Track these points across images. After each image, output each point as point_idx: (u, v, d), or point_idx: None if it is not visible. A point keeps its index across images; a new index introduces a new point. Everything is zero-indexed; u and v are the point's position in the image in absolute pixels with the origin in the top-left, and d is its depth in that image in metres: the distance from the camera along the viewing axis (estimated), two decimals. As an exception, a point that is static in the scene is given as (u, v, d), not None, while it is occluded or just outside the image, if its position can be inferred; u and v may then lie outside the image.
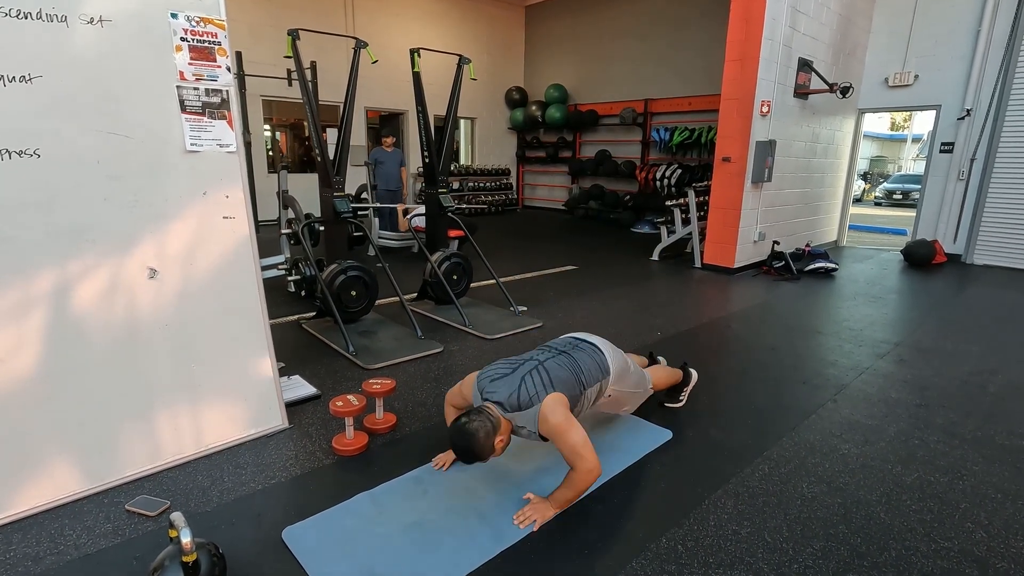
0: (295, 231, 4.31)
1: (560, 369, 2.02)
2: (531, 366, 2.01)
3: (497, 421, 1.86)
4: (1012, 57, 6.25)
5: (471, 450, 1.80)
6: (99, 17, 1.87)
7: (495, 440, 1.83)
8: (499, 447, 1.87)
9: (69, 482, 1.98)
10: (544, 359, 2.06)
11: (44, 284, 1.88)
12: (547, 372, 1.97)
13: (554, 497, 1.92)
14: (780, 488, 2.12)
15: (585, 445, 1.86)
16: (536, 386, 1.91)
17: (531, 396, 1.89)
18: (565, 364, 2.06)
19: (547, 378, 1.95)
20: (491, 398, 1.93)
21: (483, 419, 1.83)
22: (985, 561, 1.75)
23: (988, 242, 6.73)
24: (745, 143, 5.75)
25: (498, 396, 1.92)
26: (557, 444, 1.87)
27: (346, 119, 3.91)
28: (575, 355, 2.13)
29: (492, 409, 1.89)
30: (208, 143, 2.16)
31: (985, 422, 2.70)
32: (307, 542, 1.77)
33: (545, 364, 2.02)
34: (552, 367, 2.01)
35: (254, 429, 2.43)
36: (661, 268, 6.38)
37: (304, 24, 7.70)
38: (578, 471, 1.86)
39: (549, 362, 2.04)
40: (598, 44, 10.53)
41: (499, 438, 1.85)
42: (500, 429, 1.86)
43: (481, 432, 1.80)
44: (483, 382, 2.00)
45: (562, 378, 1.98)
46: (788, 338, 3.95)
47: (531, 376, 1.95)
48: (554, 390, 1.92)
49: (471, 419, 1.82)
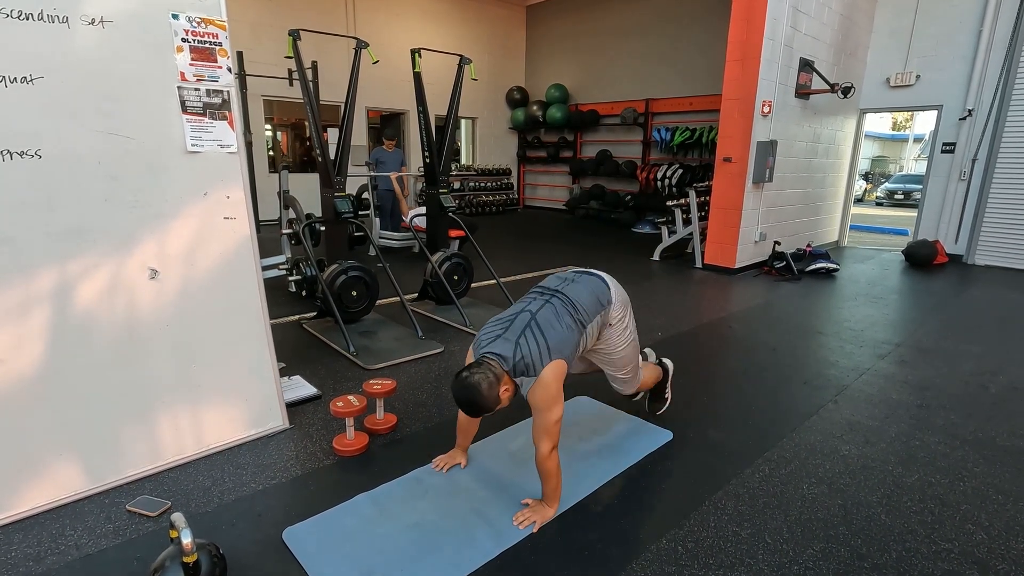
0: (296, 231, 4.32)
1: (556, 322, 1.91)
2: (524, 321, 1.90)
3: (499, 372, 1.78)
4: (1013, 57, 6.24)
5: (475, 403, 1.74)
6: (100, 18, 1.87)
7: (499, 390, 1.76)
8: (505, 397, 1.80)
9: (70, 482, 1.99)
10: (537, 309, 1.95)
11: (44, 284, 1.88)
12: (542, 333, 1.86)
13: (544, 496, 1.93)
14: (781, 489, 2.12)
15: (556, 425, 1.82)
16: (533, 352, 1.82)
17: (528, 365, 1.81)
18: (560, 309, 1.95)
19: (543, 342, 1.84)
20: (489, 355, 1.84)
21: (484, 370, 1.76)
22: (986, 563, 1.75)
23: (989, 243, 6.71)
24: (746, 143, 5.74)
25: (496, 355, 1.83)
26: (534, 415, 1.84)
27: (347, 119, 3.91)
28: (570, 291, 2.02)
29: (492, 361, 1.80)
30: (209, 143, 2.17)
31: (986, 423, 2.69)
32: (307, 543, 1.78)
33: (538, 317, 1.91)
34: (546, 319, 1.90)
35: (255, 429, 2.43)
36: (662, 268, 6.38)
37: (305, 24, 7.70)
38: (539, 452, 1.83)
39: (543, 312, 1.93)
40: (599, 44, 10.52)
41: (503, 388, 1.78)
42: (503, 380, 1.78)
43: (484, 383, 1.73)
44: (479, 345, 1.91)
45: (560, 337, 1.88)
46: (789, 339, 3.95)
47: (526, 338, 1.84)
48: (551, 358, 1.83)
49: (472, 372, 1.75)
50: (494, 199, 11.31)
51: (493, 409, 1.79)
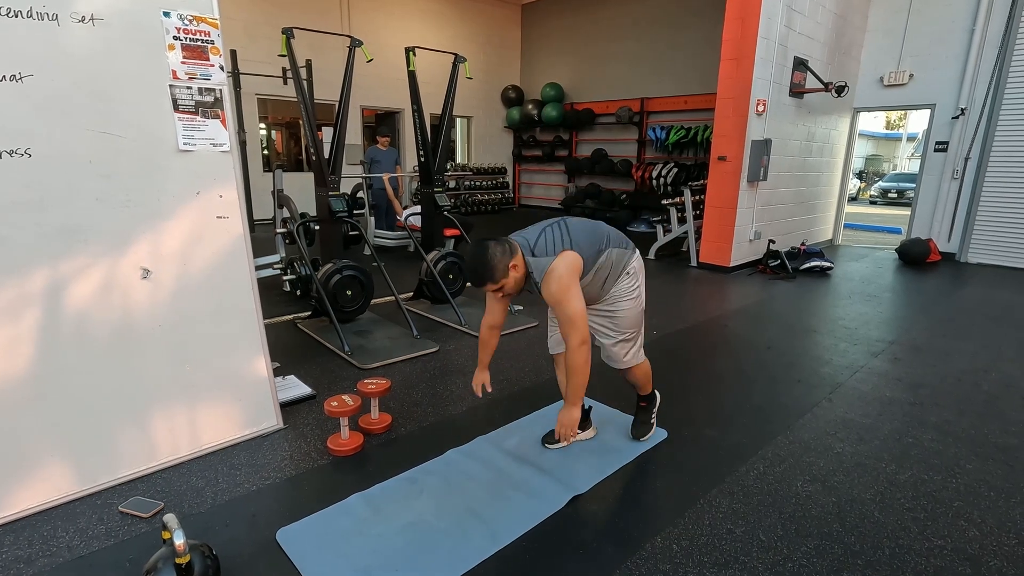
0: (290, 230, 4.30)
1: (581, 225, 2.04)
2: (553, 221, 2.05)
3: (513, 246, 1.90)
4: (1006, 56, 6.27)
5: (483, 264, 1.84)
6: (91, 16, 1.86)
7: (508, 262, 1.86)
8: (512, 275, 1.88)
9: (62, 483, 1.97)
10: (567, 217, 2.10)
11: (37, 284, 1.87)
12: (567, 228, 1.99)
13: (568, 395, 1.99)
14: (775, 487, 2.13)
15: (580, 315, 1.88)
16: (555, 239, 1.94)
17: (547, 247, 1.92)
18: (587, 224, 2.09)
19: (567, 235, 1.96)
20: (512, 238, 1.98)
21: (500, 240, 1.88)
22: (978, 559, 1.76)
23: (982, 241, 6.76)
24: (741, 142, 5.76)
25: (518, 238, 1.98)
26: (555, 311, 1.92)
27: (341, 118, 3.90)
28: (602, 223, 2.16)
29: (511, 239, 1.94)
30: (201, 142, 2.15)
31: (979, 420, 2.71)
32: (302, 543, 1.77)
33: (568, 219, 2.06)
34: (573, 223, 2.04)
35: (249, 429, 2.42)
36: (657, 267, 6.39)
37: (299, 22, 7.65)
38: (570, 346, 1.89)
39: (572, 219, 2.08)
40: (594, 43, 10.52)
41: (513, 262, 1.87)
42: (515, 255, 1.88)
43: (496, 249, 1.84)
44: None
45: (581, 237, 1.99)
46: (783, 337, 3.96)
47: (552, 229, 1.99)
48: (570, 247, 1.93)
49: (488, 240, 1.88)
50: (489, 198, 11.31)
51: (497, 280, 1.87)
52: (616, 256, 2.09)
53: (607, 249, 2.06)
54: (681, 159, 9.30)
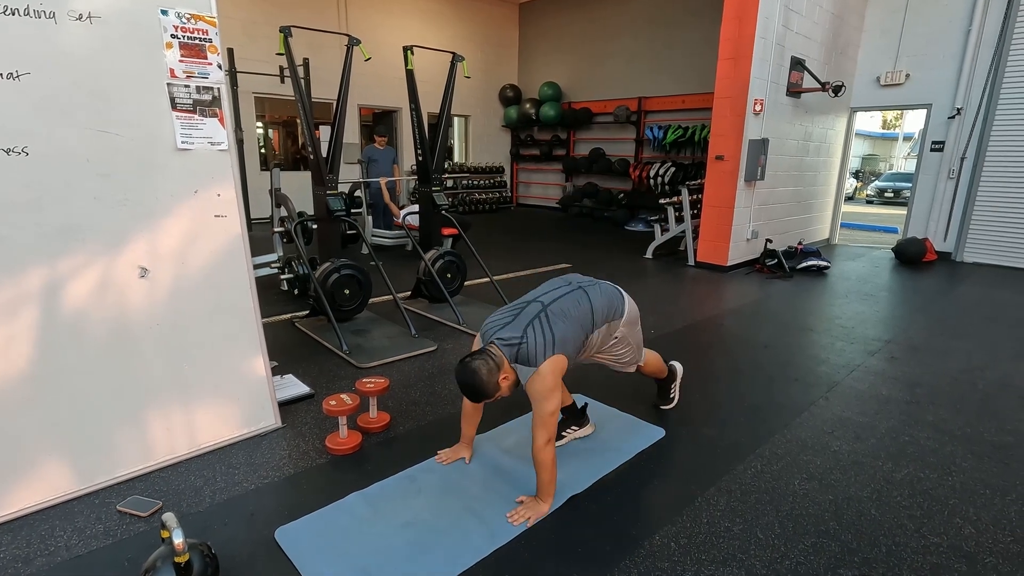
0: (288, 229, 4.29)
1: (564, 320, 1.96)
2: (535, 311, 1.96)
3: (500, 360, 1.87)
4: (1002, 56, 6.30)
5: (475, 386, 1.83)
6: (88, 14, 1.85)
7: (498, 377, 1.85)
8: (504, 385, 1.87)
9: (60, 483, 1.97)
10: (549, 301, 2.01)
11: (34, 283, 1.86)
12: (550, 326, 1.91)
13: (538, 490, 1.94)
14: (772, 485, 2.14)
15: (552, 416, 1.88)
16: (538, 343, 1.87)
17: (531, 355, 1.86)
18: (571, 309, 2.00)
19: (549, 335, 1.89)
20: (495, 342, 1.93)
21: (485, 357, 1.85)
22: (974, 556, 1.77)
23: (978, 240, 6.78)
24: (738, 141, 5.77)
25: (501, 341, 1.91)
26: (533, 405, 1.89)
27: (339, 117, 3.89)
28: (585, 296, 2.08)
29: (495, 349, 1.89)
30: (199, 141, 2.15)
31: (975, 419, 2.72)
32: (300, 542, 1.77)
33: (550, 309, 1.97)
34: (556, 313, 1.96)
35: (247, 428, 2.42)
36: (655, 266, 6.40)
37: (297, 21, 7.64)
38: (536, 444, 1.88)
39: (554, 306, 1.98)
40: (592, 42, 10.52)
41: (502, 375, 1.86)
42: (503, 368, 1.87)
43: (483, 369, 1.82)
44: (487, 330, 1.98)
45: (565, 333, 1.93)
46: (781, 336, 3.97)
47: (534, 328, 1.90)
48: (555, 352, 1.88)
49: (474, 357, 1.86)
50: (487, 197, 11.30)
51: (492, 395, 1.87)
52: (605, 331, 2.13)
53: (594, 331, 2.07)
54: (679, 158, 9.31)
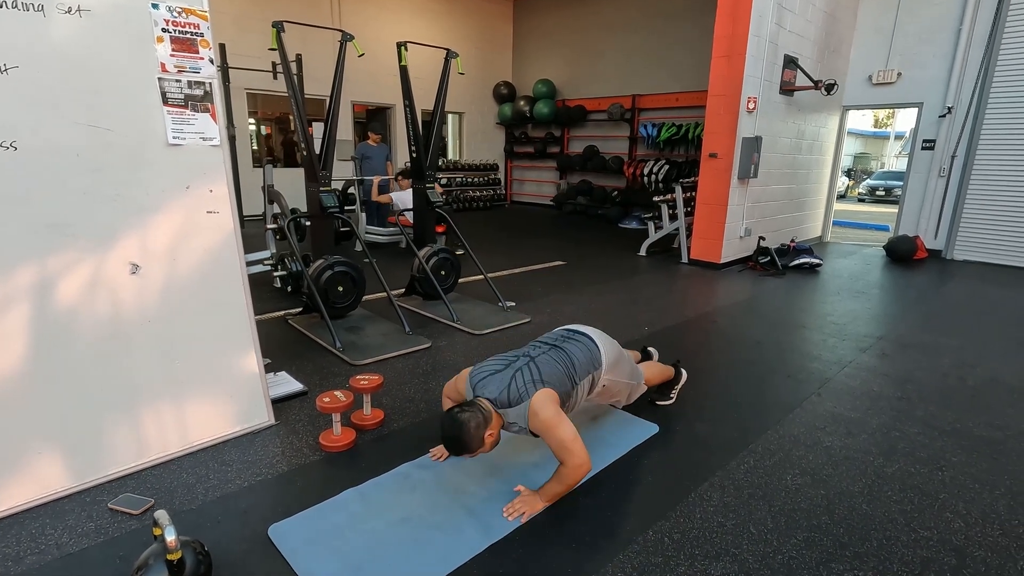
0: (281, 226, 4.27)
1: (551, 364, 2.03)
2: (523, 363, 2.03)
3: (488, 414, 1.87)
4: (992, 56, 6.35)
5: (460, 440, 1.81)
6: (78, 7, 1.83)
7: (484, 433, 1.84)
8: (488, 442, 1.87)
9: (51, 481, 1.95)
10: (536, 355, 2.08)
11: (23, 279, 1.84)
12: (537, 368, 1.99)
13: (544, 491, 1.93)
14: (765, 480, 2.15)
15: (575, 440, 1.87)
16: (526, 382, 1.93)
17: (520, 393, 1.90)
18: (557, 359, 2.07)
19: (537, 374, 1.96)
20: (483, 394, 1.94)
21: (475, 411, 1.85)
22: (963, 550, 1.79)
23: (968, 238, 6.84)
24: (732, 139, 5.79)
25: (489, 392, 1.93)
26: (546, 439, 1.89)
27: (332, 113, 3.87)
28: (567, 348, 2.15)
29: (484, 403, 1.90)
30: (191, 136, 2.13)
31: (964, 414, 2.75)
32: (293, 539, 1.76)
33: (536, 360, 2.04)
34: (543, 362, 2.03)
35: (240, 426, 2.41)
36: (649, 263, 6.41)
37: (290, 16, 7.59)
38: (567, 466, 1.87)
39: (541, 357, 2.06)
40: (586, 40, 10.52)
41: (489, 432, 1.86)
42: (491, 423, 1.87)
43: (472, 423, 1.81)
44: (475, 379, 2.01)
45: (553, 375, 2.00)
46: (773, 333, 3.99)
47: (521, 373, 1.97)
48: (544, 386, 1.93)
49: (463, 409, 1.85)
50: (481, 194, 11.28)
51: (475, 451, 1.86)
52: (584, 386, 2.14)
53: (576, 386, 2.08)
54: (672, 156, 9.33)
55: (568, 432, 1.87)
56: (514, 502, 1.92)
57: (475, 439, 1.82)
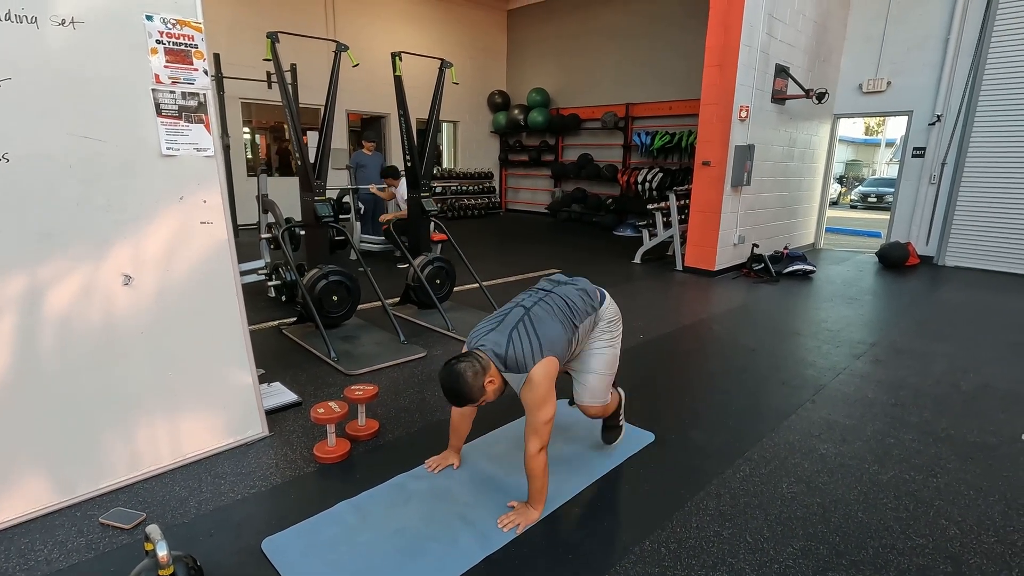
0: (275, 235, 4.26)
1: (549, 319, 1.92)
2: (517, 316, 1.93)
3: (486, 363, 1.82)
4: (979, 64, 6.44)
5: (459, 391, 1.78)
6: (71, 19, 1.83)
7: (483, 380, 1.80)
8: (490, 389, 1.83)
9: (41, 495, 1.93)
10: (531, 305, 1.98)
11: (14, 290, 1.83)
12: (535, 329, 1.88)
13: (529, 497, 1.93)
14: (761, 489, 2.15)
15: (546, 425, 1.84)
16: (525, 349, 1.84)
17: (519, 361, 1.83)
18: (553, 306, 1.97)
19: (535, 339, 1.86)
20: (480, 346, 1.88)
21: (471, 360, 1.80)
22: (959, 557, 1.79)
23: (959, 244, 6.90)
24: (725, 147, 5.83)
25: (486, 344, 1.87)
26: (527, 412, 1.86)
27: (327, 122, 3.88)
28: (561, 292, 2.05)
29: (480, 353, 1.85)
30: (185, 147, 2.13)
31: (958, 420, 2.76)
32: (288, 552, 1.75)
33: (532, 312, 1.93)
34: (539, 315, 1.93)
35: (233, 437, 2.39)
36: (643, 271, 6.43)
37: (284, 26, 7.61)
38: (528, 451, 1.85)
39: (536, 309, 1.95)
40: (580, 49, 10.60)
41: (488, 379, 1.81)
42: (489, 371, 1.82)
43: (468, 372, 1.77)
44: (473, 338, 1.94)
45: (551, 334, 1.89)
46: (767, 339, 4.01)
47: (518, 332, 1.87)
48: (543, 355, 1.84)
49: (459, 360, 1.81)
50: (476, 203, 11.30)
51: (477, 399, 1.82)
52: (587, 325, 2.06)
53: (578, 329, 2.01)
54: (666, 164, 9.39)
55: (547, 414, 1.83)
56: (508, 515, 1.91)
57: (474, 388, 1.78)
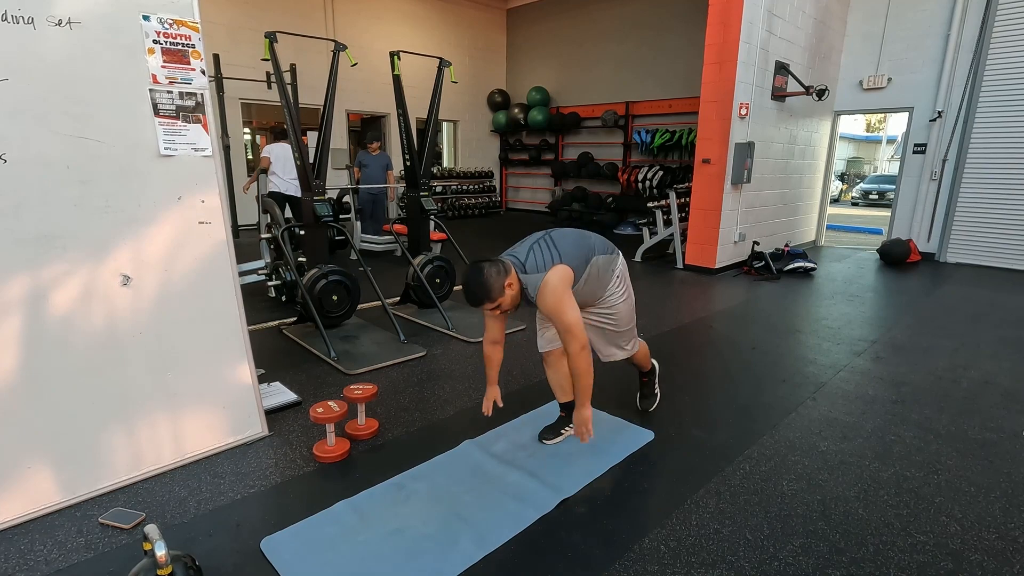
0: (275, 235, 4.26)
1: (567, 238, 2.12)
2: (538, 235, 2.14)
3: (508, 266, 1.98)
4: (980, 60, 6.42)
5: (480, 284, 1.91)
6: (68, 19, 1.83)
7: (504, 282, 1.94)
8: (508, 293, 1.97)
9: (40, 495, 1.93)
10: (552, 229, 2.19)
11: (13, 292, 1.83)
12: (553, 243, 2.08)
13: (577, 395, 2.10)
14: (761, 486, 2.15)
15: (577, 324, 1.98)
16: (544, 256, 2.02)
17: (537, 264, 2.01)
18: (573, 235, 2.17)
19: (554, 249, 2.05)
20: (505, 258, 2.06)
21: (495, 261, 1.97)
22: (959, 554, 1.79)
23: (960, 241, 6.89)
24: (725, 145, 5.82)
25: (510, 254, 2.07)
26: (553, 322, 2.01)
27: (326, 122, 3.88)
28: (581, 231, 2.25)
29: (504, 259, 2.02)
30: (183, 147, 2.13)
31: (959, 417, 2.76)
32: (286, 552, 1.75)
33: (552, 234, 2.14)
34: (559, 236, 2.13)
35: (233, 437, 2.39)
36: (644, 269, 6.42)
37: (283, 26, 7.62)
38: (571, 353, 1.99)
39: (555, 232, 2.16)
40: (579, 47, 10.58)
41: (508, 281, 1.96)
42: (510, 274, 1.97)
43: (492, 270, 1.93)
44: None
45: (568, 248, 2.08)
46: (768, 337, 4.00)
47: (540, 244, 2.07)
48: (560, 261, 2.01)
49: (483, 262, 1.96)
50: (477, 202, 11.30)
51: (495, 299, 1.95)
52: (603, 262, 2.21)
53: (594, 257, 2.16)
54: (666, 162, 9.37)
55: (573, 316, 1.98)
56: (574, 433, 2.09)
57: (495, 287, 1.92)
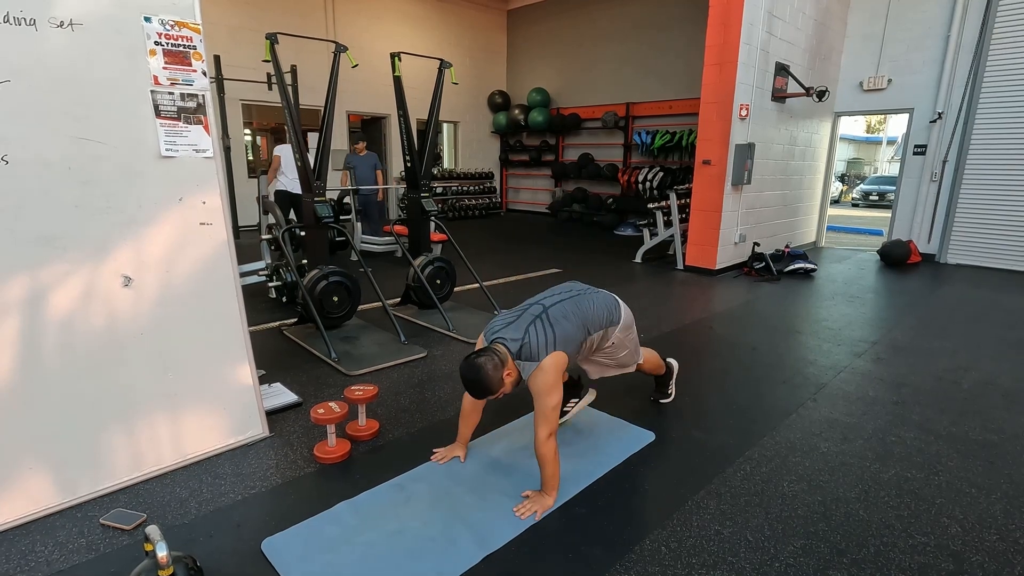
0: (276, 237, 4.26)
1: (565, 321, 2.07)
2: (536, 312, 2.07)
3: (504, 356, 1.95)
4: (980, 62, 6.42)
5: (480, 382, 1.89)
6: (69, 21, 1.83)
7: (502, 373, 1.92)
8: (508, 381, 1.95)
9: (42, 496, 1.93)
10: (550, 304, 2.12)
11: (14, 293, 1.83)
12: (551, 326, 2.02)
13: (543, 484, 1.99)
14: (762, 487, 2.15)
15: (554, 410, 1.95)
16: (540, 340, 1.97)
17: (533, 352, 1.96)
18: (571, 312, 2.11)
19: (551, 334, 2.00)
20: (498, 338, 2.02)
21: (490, 354, 1.93)
22: (960, 555, 1.79)
23: (960, 242, 6.89)
24: (725, 146, 5.82)
25: (504, 335, 2.01)
26: (535, 400, 1.97)
27: (326, 123, 3.88)
28: (584, 299, 2.21)
29: (499, 347, 1.98)
30: (184, 148, 2.13)
31: (959, 418, 2.75)
32: (287, 553, 1.75)
33: (550, 311, 2.08)
34: (556, 315, 2.06)
35: (234, 438, 2.39)
36: (644, 270, 6.42)
37: (284, 27, 7.63)
38: (538, 438, 1.94)
39: (555, 308, 2.09)
40: (580, 48, 10.60)
41: (506, 371, 1.93)
42: (507, 364, 1.95)
43: (488, 365, 1.89)
44: (490, 332, 2.07)
45: (566, 332, 2.04)
46: (769, 338, 4.00)
47: (535, 328, 2.00)
48: (556, 348, 1.98)
49: (479, 354, 1.93)
50: (477, 203, 11.30)
51: (496, 392, 1.93)
52: (601, 336, 2.24)
53: (587, 338, 2.17)
54: (666, 163, 9.38)
55: (554, 400, 1.95)
56: (523, 503, 1.97)
57: (494, 380, 1.90)
